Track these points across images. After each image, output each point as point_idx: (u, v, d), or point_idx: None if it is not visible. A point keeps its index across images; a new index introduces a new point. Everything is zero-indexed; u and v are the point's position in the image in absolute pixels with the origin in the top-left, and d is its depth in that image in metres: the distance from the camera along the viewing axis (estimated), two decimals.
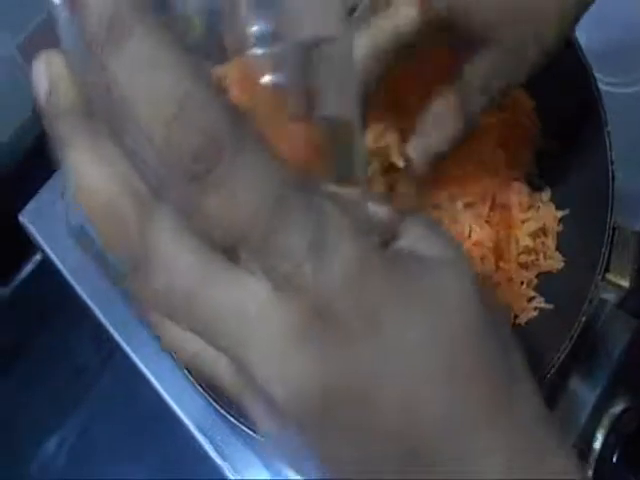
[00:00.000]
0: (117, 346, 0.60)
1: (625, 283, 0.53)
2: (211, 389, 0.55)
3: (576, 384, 0.60)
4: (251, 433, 0.54)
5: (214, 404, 0.57)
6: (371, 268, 0.19)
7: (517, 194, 0.57)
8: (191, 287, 0.19)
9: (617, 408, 0.60)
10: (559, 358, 0.52)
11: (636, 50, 0.68)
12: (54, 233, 0.62)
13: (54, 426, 0.66)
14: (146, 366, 0.59)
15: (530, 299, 0.57)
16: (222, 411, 0.56)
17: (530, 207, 0.58)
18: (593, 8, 0.58)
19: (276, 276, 0.19)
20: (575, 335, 0.52)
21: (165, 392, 0.59)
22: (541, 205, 0.59)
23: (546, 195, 0.59)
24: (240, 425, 0.54)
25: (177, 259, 0.19)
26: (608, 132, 0.55)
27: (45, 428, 0.66)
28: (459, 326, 0.20)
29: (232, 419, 0.54)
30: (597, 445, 0.58)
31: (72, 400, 0.66)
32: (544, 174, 0.60)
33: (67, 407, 0.66)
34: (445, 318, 0.20)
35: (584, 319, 0.52)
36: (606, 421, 0.59)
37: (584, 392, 0.60)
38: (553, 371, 0.51)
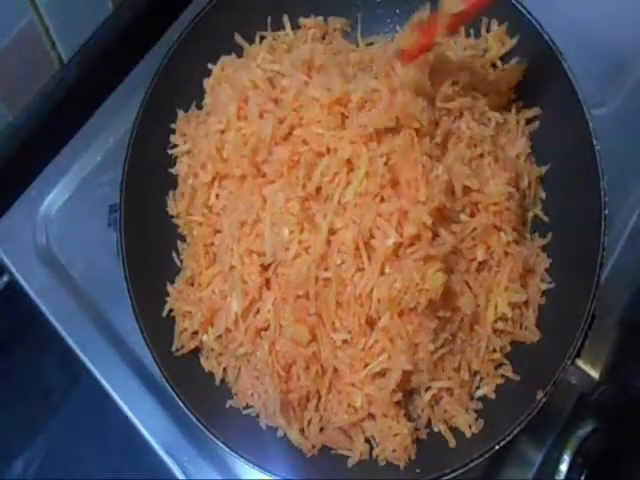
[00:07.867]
0: (84, 368, 0.60)
1: (595, 374, 0.51)
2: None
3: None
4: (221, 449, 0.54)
5: (181, 425, 0.57)
6: None
7: (512, 259, 0.54)
8: None
9: (585, 430, 0.59)
10: (512, 432, 0.49)
11: (602, 73, 0.69)
12: (21, 255, 0.62)
13: (21, 447, 0.66)
14: (113, 388, 0.59)
15: (498, 366, 0.55)
16: (189, 432, 0.55)
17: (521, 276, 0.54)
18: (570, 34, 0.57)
19: None
20: (533, 413, 0.50)
21: (132, 414, 0.59)
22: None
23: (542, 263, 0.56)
24: (213, 439, 0.53)
25: None
26: (605, 215, 0.52)
27: (12, 449, 0.66)
28: None
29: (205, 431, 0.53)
30: (564, 467, 0.58)
31: (39, 421, 0.66)
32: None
33: (34, 428, 0.66)
34: None
35: (544, 400, 0.50)
36: (573, 442, 0.59)
37: (552, 413, 0.59)
38: (506, 442, 0.49)
